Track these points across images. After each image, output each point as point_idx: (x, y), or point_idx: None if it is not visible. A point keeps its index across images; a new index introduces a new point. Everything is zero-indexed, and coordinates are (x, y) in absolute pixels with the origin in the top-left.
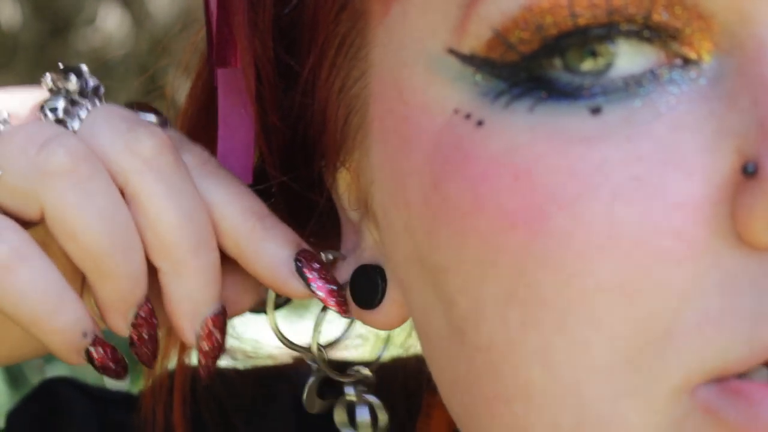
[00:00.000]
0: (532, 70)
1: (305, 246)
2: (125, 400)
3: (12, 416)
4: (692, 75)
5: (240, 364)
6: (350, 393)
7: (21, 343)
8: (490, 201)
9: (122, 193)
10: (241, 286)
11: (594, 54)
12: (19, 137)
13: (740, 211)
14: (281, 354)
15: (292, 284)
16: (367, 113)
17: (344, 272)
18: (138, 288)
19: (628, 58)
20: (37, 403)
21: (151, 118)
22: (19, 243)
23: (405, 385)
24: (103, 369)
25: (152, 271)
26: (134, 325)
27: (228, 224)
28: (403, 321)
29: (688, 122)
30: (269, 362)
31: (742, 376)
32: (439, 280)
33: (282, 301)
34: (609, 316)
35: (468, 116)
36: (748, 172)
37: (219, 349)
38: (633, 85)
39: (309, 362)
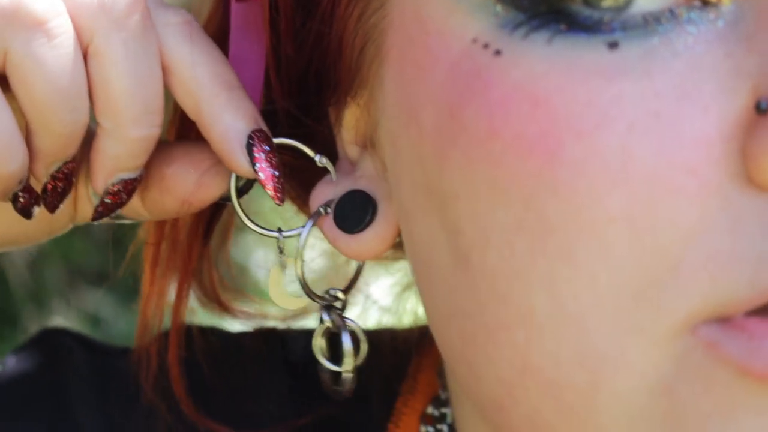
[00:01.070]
0: (552, 2)
1: (263, 126)
2: (123, 351)
3: (10, 360)
4: (710, 16)
5: (232, 326)
6: (327, 320)
7: None
8: (507, 127)
9: (86, 49)
10: (212, 171)
11: None
12: None
13: (751, 148)
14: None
15: (238, 157)
16: (384, 43)
17: (330, 192)
18: (71, 146)
19: None
20: (35, 348)
21: None
22: None
23: (394, 350)
24: (23, 211)
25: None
26: (53, 177)
27: (194, 85)
28: (375, 256)
29: (706, 62)
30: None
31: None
32: (446, 208)
33: (246, 188)
34: (616, 249)
35: (486, 46)
36: (762, 109)
37: (119, 206)
38: (652, 23)
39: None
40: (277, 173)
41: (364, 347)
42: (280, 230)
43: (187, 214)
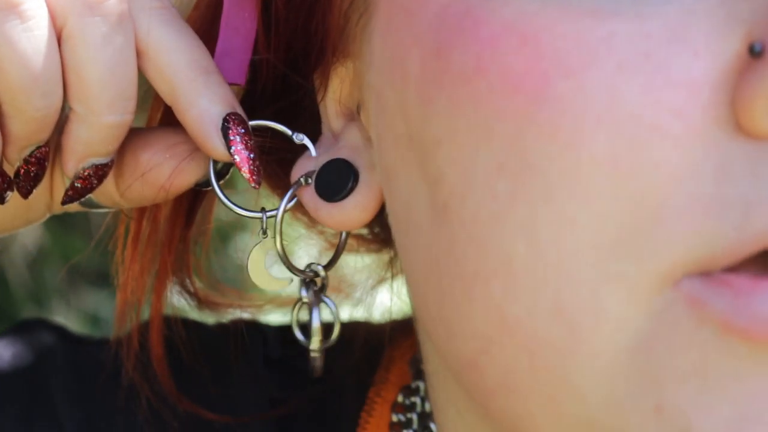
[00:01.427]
0: None
1: (239, 110)
2: (101, 342)
3: None
4: None
5: (212, 317)
6: (305, 296)
7: None
8: (494, 64)
9: (60, 32)
10: (188, 156)
11: None
12: None
13: (742, 92)
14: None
15: (213, 141)
16: None
17: (310, 164)
18: (44, 131)
19: None
20: (13, 339)
21: None
22: None
23: (368, 342)
24: None
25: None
26: (26, 161)
27: (171, 71)
28: (358, 225)
29: (699, 7)
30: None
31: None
32: (427, 157)
33: (223, 171)
34: (599, 192)
35: None
36: (755, 52)
37: (89, 191)
38: None
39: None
40: (252, 155)
41: (337, 327)
42: (263, 210)
43: (164, 200)
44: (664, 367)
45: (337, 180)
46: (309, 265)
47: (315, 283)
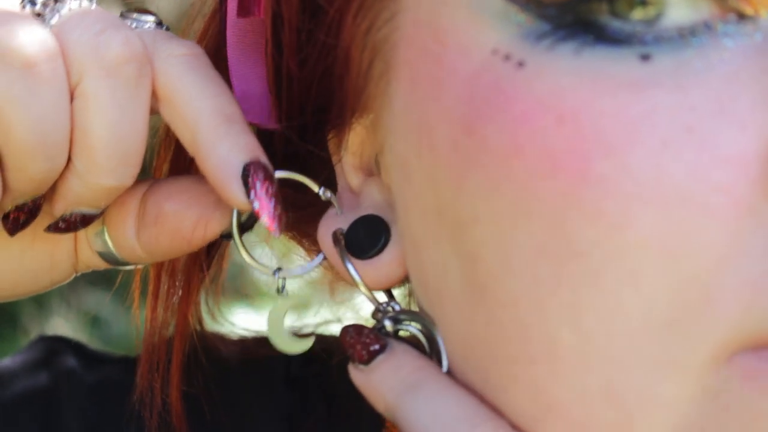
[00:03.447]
0: (580, 12)
1: (263, 158)
2: (120, 360)
3: (6, 366)
4: (748, 30)
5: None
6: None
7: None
8: (531, 144)
9: (74, 89)
10: (212, 207)
11: (644, 3)
12: None
13: None
14: None
15: (232, 188)
16: (394, 58)
17: (337, 221)
18: (42, 189)
19: (680, 9)
20: (30, 354)
21: (149, 18)
22: None
23: None
24: None
25: None
26: (18, 208)
27: (193, 118)
28: (391, 284)
29: (743, 76)
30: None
31: None
32: (461, 234)
33: (248, 224)
34: (647, 274)
35: (507, 57)
36: None
37: (73, 230)
38: (686, 35)
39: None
40: (273, 202)
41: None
42: (279, 269)
43: (185, 253)
44: None
45: (367, 236)
46: (382, 303)
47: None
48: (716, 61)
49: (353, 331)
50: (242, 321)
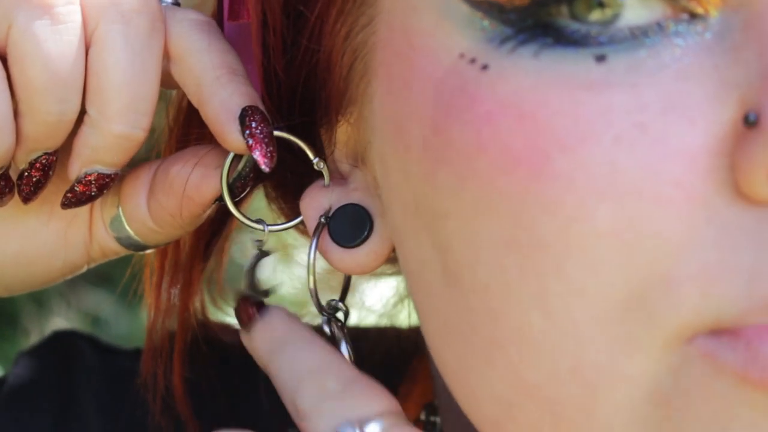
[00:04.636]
0: (540, 16)
1: (262, 108)
2: (134, 352)
3: (22, 360)
4: (698, 29)
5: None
6: (327, 332)
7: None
8: (493, 142)
9: (90, 38)
10: (214, 166)
11: (602, 4)
12: None
13: (740, 161)
14: None
15: (229, 128)
16: (373, 60)
17: (323, 199)
18: (54, 137)
19: (635, 10)
20: (46, 350)
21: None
22: None
23: (388, 352)
24: None
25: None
26: (31, 164)
27: (199, 69)
28: (368, 271)
29: (693, 73)
30: None
31: None
32: (435, 226)
33: (237, 183)
34: (606, 262)
35: (473, 60)
36: (750, 121)
37: (87, 199)
38: (639, 36)
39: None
40: (266, 141)
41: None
42: (261, 221)
43: (193, 218)
44: (686, 418)
45: (351, 227)
46: (329, 302)
47: (337, 318)
48: (668, 60)
49: (240, 302)
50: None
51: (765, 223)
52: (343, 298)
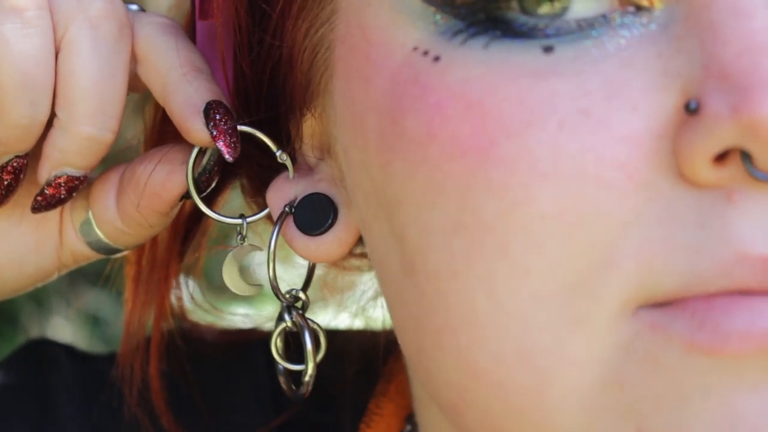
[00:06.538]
0: (490, 11)
1: (226, 104)
2: (109, 357)
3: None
4: (643, 20)
5: (216, 325)
6: (287, 320)
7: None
8: (443, 129)
9: (59, 43)
10: (180, 162)
11: None
12: None
13: (681, 146)
14: None
15: (193, 121)
16: (333, 56)
17: (289, 190)
18: (25, 140)
19: (583, 3)
20: (20, 359)
21: (133, 6)
22: None
23: (365, 352)
24: None
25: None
26: (2, 168)
27: (165, 68)
28: (332, 260)
29: (636, 62)
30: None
31: None
32: (392, 215)
33: (202, 178)
34: (550, 244)
35: (426, 53)
36: (691, 109)
37: (57, 202)
38: (585, 28)
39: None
40: (229, 132)
41: (323, 347)
42: (243, 216)
43: (156, 216)
44: (639, 394)
45: (316, 215)
46: (289, 291)
47: (297, 307)
48: (612, 50)
49: None
50: (240, 321)
51: (706, 202)
52: (305, 288)
